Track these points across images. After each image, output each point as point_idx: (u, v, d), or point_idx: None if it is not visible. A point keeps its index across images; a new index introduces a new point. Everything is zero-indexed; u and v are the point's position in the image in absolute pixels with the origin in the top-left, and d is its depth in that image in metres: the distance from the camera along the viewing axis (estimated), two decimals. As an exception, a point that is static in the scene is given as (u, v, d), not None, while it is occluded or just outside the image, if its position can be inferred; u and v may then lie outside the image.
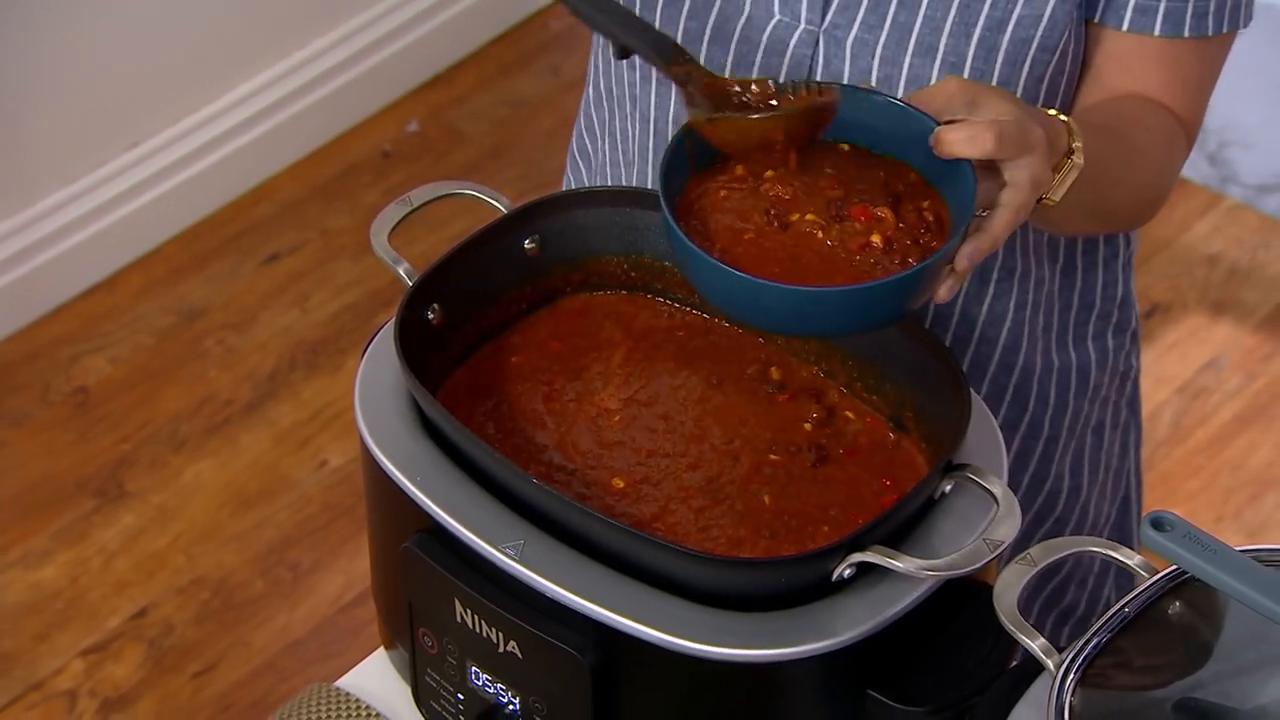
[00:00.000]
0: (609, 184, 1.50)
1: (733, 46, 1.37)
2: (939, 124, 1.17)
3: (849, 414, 1.26)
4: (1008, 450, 1.48)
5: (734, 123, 1.18)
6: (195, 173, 2.83)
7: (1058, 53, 1.33)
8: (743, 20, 1.36)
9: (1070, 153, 1.22)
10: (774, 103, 1.19)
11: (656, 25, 1.37)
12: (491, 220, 1.30)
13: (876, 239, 1.16)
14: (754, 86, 1.20)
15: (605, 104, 1.48)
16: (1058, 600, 1.58)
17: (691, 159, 1.20)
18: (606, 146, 1.50)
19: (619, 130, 1.48)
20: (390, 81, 3.01)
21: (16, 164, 2.66)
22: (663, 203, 1.16)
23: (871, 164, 1.20)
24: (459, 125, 3.00)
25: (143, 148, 2.78)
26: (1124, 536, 1.62)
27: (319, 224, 2.86)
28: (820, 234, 1.17)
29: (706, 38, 1.37)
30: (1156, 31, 1.33)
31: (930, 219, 1.18)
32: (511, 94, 3.03)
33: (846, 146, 1.21)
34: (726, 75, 1.37)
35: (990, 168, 1.17)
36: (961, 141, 1.15)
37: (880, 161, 1.20)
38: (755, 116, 1.18)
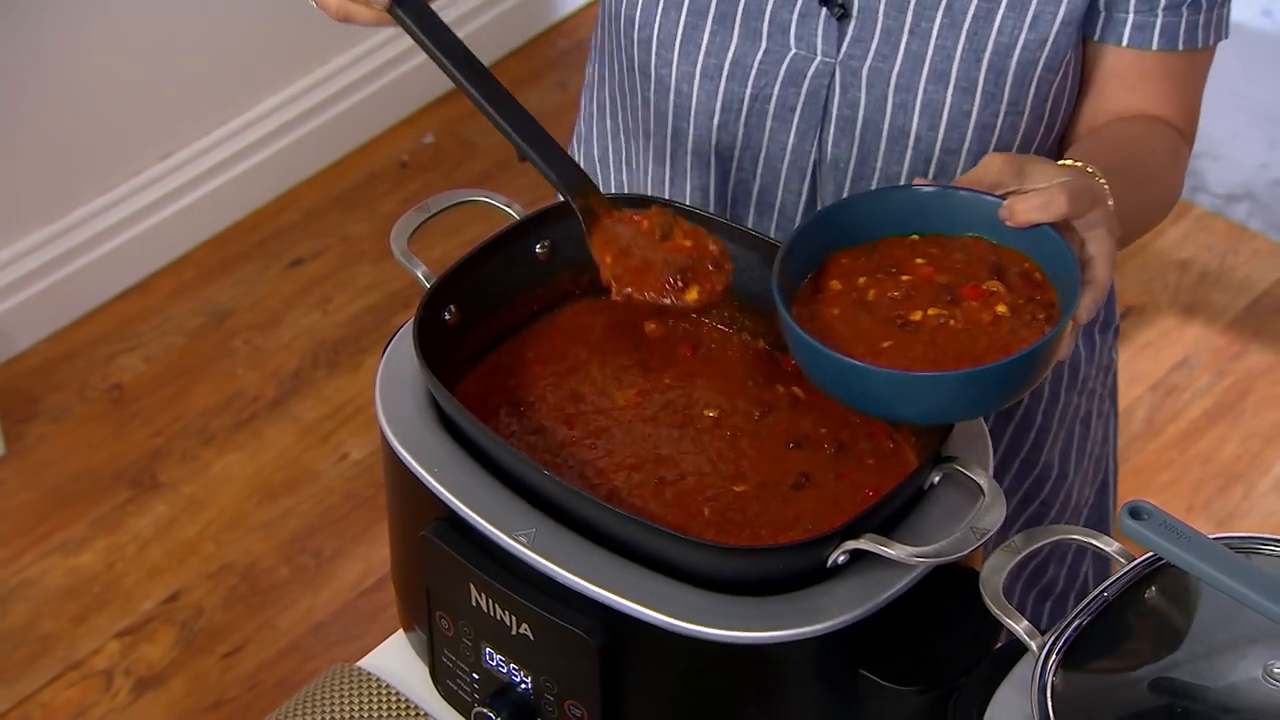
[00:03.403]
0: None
1: (750, 81, 1.36)
2: (1000, 198, 1.17)
3: (854, 422, 1.25)
4: (1001, 440, 1.48)
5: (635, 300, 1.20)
6: (224, 182, 2.83)
7: (1060, 72, 1.34)
8: (759, 55, 1.35)
9: None
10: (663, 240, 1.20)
11: (674, 67, 1.37)
12: (504, 226, 1.30)
13: (1002, 309, 1.16)
14: (645, 223, 1.20)
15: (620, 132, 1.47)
16: (1038, 578, 1.58)
17: (787, 277, 1.18)
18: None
19: (628, 165, 1.48)
20: (407, 96, 3.00)
21: (57, 173, 2.66)
22: (804, 335, 1.12)
23: (948, 246, 1.20)
24: (472, 137, 2.99)
25: (175, 158, 2.78)
26: (1102, 517, 1.62)
27: (340, 230, 2.86)
28: (952, 322, 1.16)
29: (724, 74, 1.36)
30: (1154, 46, 1.33)
31: (1039, 277, 1.17)
32: (521, 108, 3.02)
33: (916, 237, 1.21)
34: (743, 115, 1.36)
35: (1063, 226, 1.17)
36: (1037, 209, 1.15)
37: (953, 242, 1.20)
38: (648, 296, 1.19)
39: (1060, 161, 1.23)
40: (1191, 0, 1.32)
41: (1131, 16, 1.33)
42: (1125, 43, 1.34)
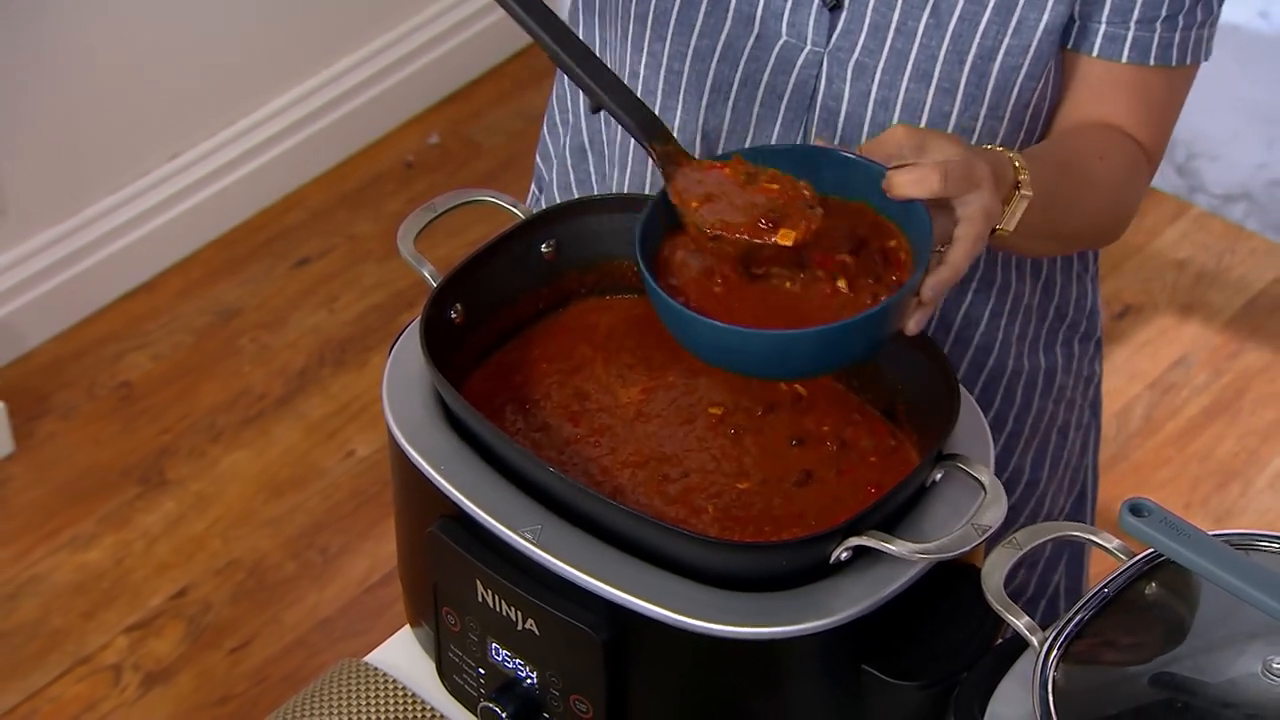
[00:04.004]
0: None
1: (741, 65, 1.36)
2: (888, 169, 1.17)
3: (857, 421, 1.25)
4: None
5: (720, 241, 1.17)
6: (231, 182, 2.83)
7: (1042, 80, 1.33)
8: (752, 40, 1.35)
9: (1018, 185, 1.22)
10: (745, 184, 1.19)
11: (668, 44, 1.37)
12: (510, 226, 1.30)
13: (842, 283, 1.16)
14: (727, 170, 1.20)
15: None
16: (1008, 581, 1.57)
17: (662, 218, 1.19)
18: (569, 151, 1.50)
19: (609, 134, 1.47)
20: (412, 97, 3.00)
21: (67, 173, 2.66)
22: (642, 267, 1.15)
23: (833, 209, 1.19)
24: (476, 138, 2.99)
25: (183, 159, 2.78)
26: None
27: (346, 230, 2.86)
28: (789, 285, 1.17)
29: (716, 56, 1.36)
30: (1124, 58, 1.33)
31: (903, 256, 1.17)
32: (525, 109, 3.02)
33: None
34: (731, 98, 1.36)
35: (943, 205, 1.17)
36: (910, 184, 1.15)
37: (842, 206, 1.20)
38: (737, 238, 1.17)
39: (986, 145, 1.22)
40: (1166, 17, 1.32)
41: (1103, 28, 1.32)
42: (1096, 53, 1.33)
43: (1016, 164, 1.22)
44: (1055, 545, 1.57)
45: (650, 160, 1.30)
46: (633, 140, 1.43)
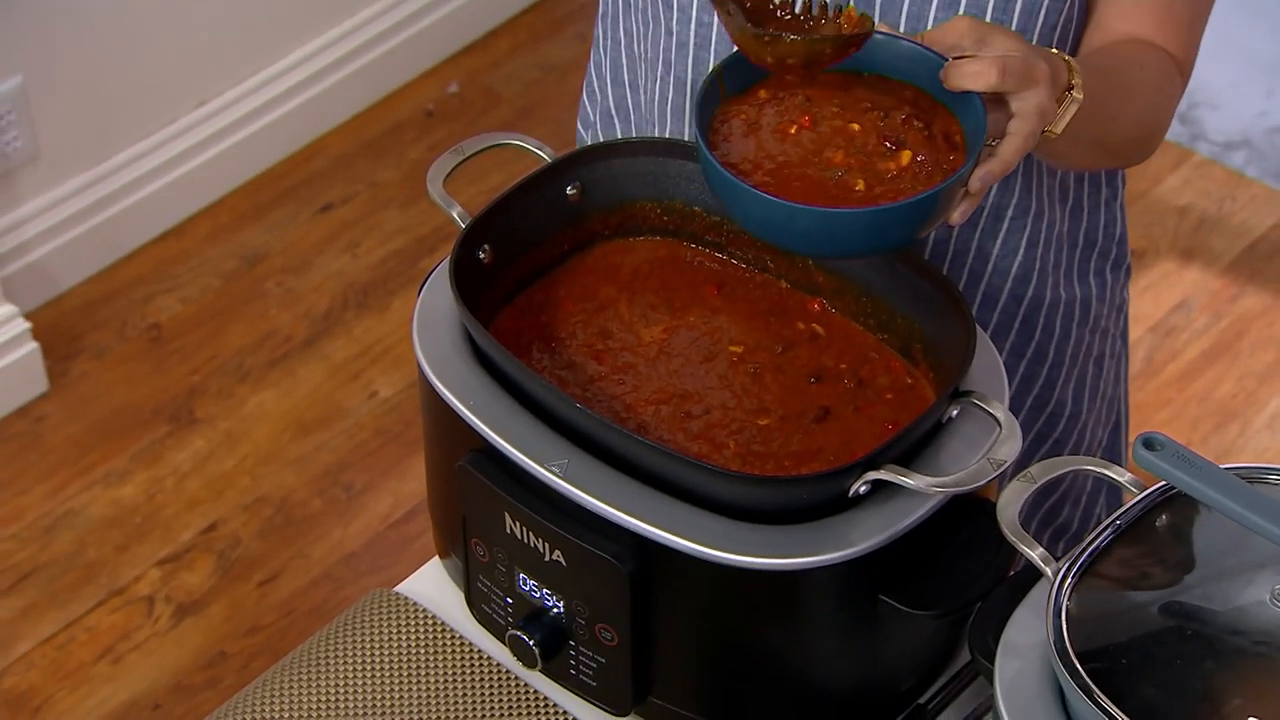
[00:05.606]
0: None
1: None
2: (948, 60, 1.16)
3: (874, 359, 1.24)
4: (1015, 375, 1.48)
5: (777, 43, 1.15)
6: (256, 130, 2.82)
7: (1068, 1, 1.32)
8: None
9: (1070, 88, 1.21)
10: (808, 24, 1.17)
11: None
12: (537, 168, 1.29)
13: (907, 159, 1.15)
14: (787, 16, 1.18)
15: (639, 68, 1.46)
16: (1053, 518, 1.57)
17: (722, 90, 1.18)
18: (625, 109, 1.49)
19: (646, 94, 1.46)
20: (432, 47, 2.99)
21: (97, 121, 2.65)
22: (698, 134, 1.14)
23: (895, 90, 1.19)
24: (495, 87, 2.98)
25: (209, 106, 2.77)
26: (1114, 458, 1.61)
27: (368, 177, 2.85)
28: (844, 156, 1.16)
29: None
30: None
31: (958, 140, 1.16)
32: (543, 58, 3.01)
33: (867, 74, 1.20)
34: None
35: (998, 99, 1.15)
36: (969, 76, 1.14)
37: (905, 88, 1.19)
38: (794, 38, 1.16)
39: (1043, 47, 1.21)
40: None
41: None
42: None
43: (1071, 66, 1.21)
44: (1096, 483, 1.57)
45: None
46: (656, 106, 1.43)
